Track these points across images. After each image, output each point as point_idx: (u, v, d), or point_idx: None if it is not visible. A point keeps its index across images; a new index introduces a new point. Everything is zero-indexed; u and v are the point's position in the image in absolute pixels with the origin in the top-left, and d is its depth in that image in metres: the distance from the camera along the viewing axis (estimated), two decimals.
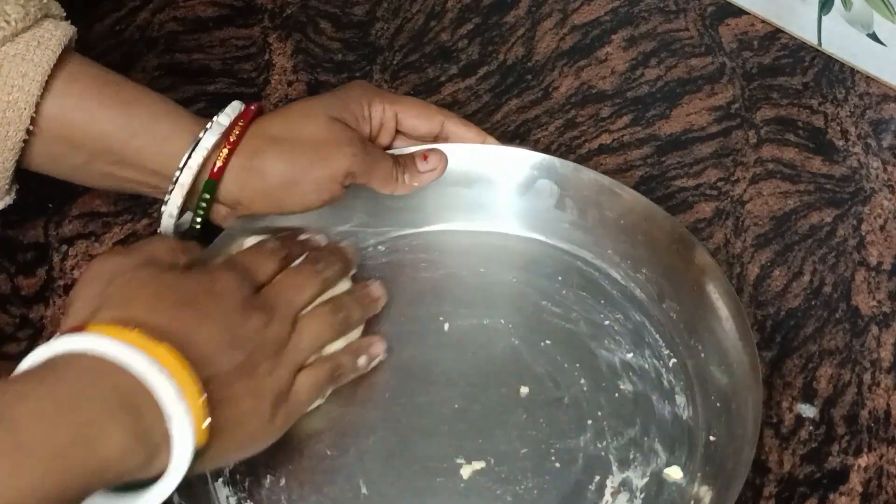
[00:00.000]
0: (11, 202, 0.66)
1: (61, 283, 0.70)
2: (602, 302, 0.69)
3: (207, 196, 0.65)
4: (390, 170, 0.68)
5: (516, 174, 0.71)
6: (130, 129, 0.64)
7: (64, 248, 0.72)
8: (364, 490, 0.60)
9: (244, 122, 0.65)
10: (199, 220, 0.66)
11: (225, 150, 0.64)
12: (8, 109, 0.61)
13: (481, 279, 0.70)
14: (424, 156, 0.70)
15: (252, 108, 0.66)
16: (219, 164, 0.64)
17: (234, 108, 0.66)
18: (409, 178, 0.69)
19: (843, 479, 0.63)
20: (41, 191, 0.74)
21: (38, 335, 0.68)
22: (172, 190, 0.64)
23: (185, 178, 0.64)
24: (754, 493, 0.62)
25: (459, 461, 0.61)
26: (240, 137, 0.64)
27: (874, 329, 0.69)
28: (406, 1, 0.90)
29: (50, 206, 0.74)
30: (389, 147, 0.71)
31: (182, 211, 0.65)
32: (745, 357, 0.62)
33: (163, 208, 0.65)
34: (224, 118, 0.65)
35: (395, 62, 0.85)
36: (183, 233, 0.67)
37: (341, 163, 0.65)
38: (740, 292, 0.71)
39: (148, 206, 0.74)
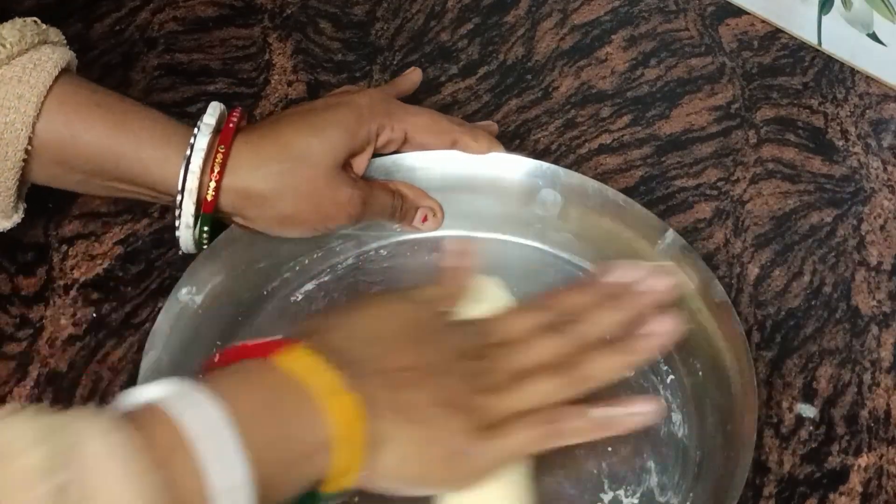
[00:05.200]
0: (19, 220, 0.66)
1: (61, 283, 0.70)
2: None
3: (207, 228, 0.65)
4: (387, 219, 0.70)
5: (520, 182, 0.71)
6: (118, 153, 0.64)
7: (64, 248, 0.72)
8: (356, 498, 0.58)
9: (226, 148, 0.64)
10: (203, 245, 0.66)
11: (213, 182, 0.63)
12: (6, 131, 0.61)
13: None
14: (424, 217, 0.71)
15: (231, 125, 0.65)
16: (209, 197, 0.63)
17: (208, 127, 0.64)
18: (401, 226, 0.71)
19: (843, 479, 0.63)
20: (41, 191, 0.74)
21: (38, 335, 0.68)
22: (180, 228, 0.65)
23: (188, 220, 0.64)
24: (754, 493, 0.62)
25: None
26: (224, 165, 0.63)
27: (874, 329, 0.69)
28: (406, 1, 0.90)
29: (50, 205, 0.74)
30: (396, 152, 0.71)
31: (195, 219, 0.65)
32: (743, 379, 0.61)
33: (179, 241, 0.66)
34: (202, 140, 0.63)
35: (395, 62, 0.85)
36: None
37: (339, 219, 0.66)
38: (740, 292, 0.71)
39: (148, 206, 0.74)
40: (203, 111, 0.65)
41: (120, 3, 0.88)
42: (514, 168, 0.71)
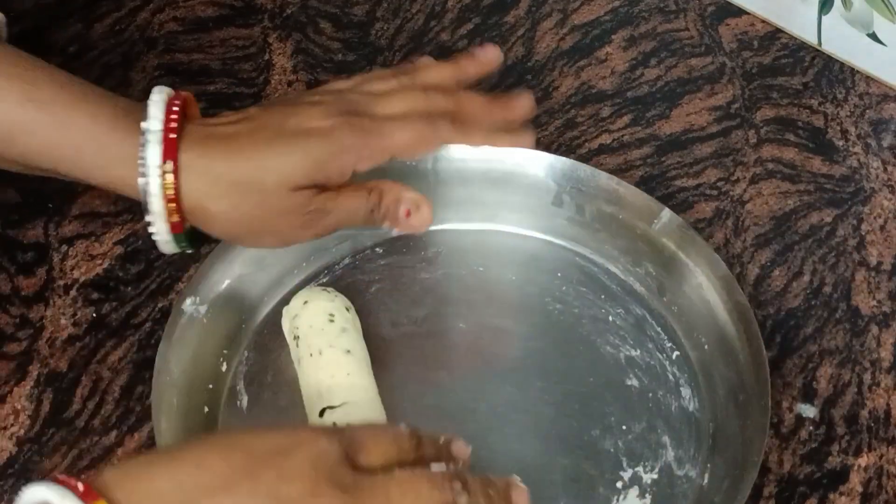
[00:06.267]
0: None
1: (61, 283, 0.70)
2: (603, 297, 0.69)
3: (184, 244, 0.62)
4: (364, 222, 0.65)
5: (512, 171, 0.71)
6: (57, 156, 0.60)
7: (64, 248, 0.72)
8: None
9: (174, 165, 0.58)
10: (189, 251, 0.64)
11: (172, 204, 0.59)
12: None
13: (481, 278, 0.70)
14: (407, 212, 0.65)
15: (171, 136, 0.59)
16: (175, 219, 0.59)
17: (156, 135, 0.58)
18: (387, 226, 0.66)
19: (843, 479, 0.63)
20: (41, 191, 0.75)
21: (38, 335, 0.68)
22: (159, 244, 0.62)
23: (165, 237, 0.61)
24: (754, 492, 0.62)
25: (471, 462, 0.61)
26: (177, 188, 0.59)
27: (874, 329, 0.69)
28: (406, 1, 0.90)
29: (50, 206, 0.74)
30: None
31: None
32: (750, 347, 0.62)
33: (154, 236, 0.61)
34: (154, 153, 0.58)
35: (395, 62, 0.85)
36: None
37: (300, 237, 0.63)
38: None
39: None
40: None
41: (120, 3, 0.88)
42: (506, 157, 0.71)
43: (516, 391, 0.65)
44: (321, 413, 0.60)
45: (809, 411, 0.65)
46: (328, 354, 0.62)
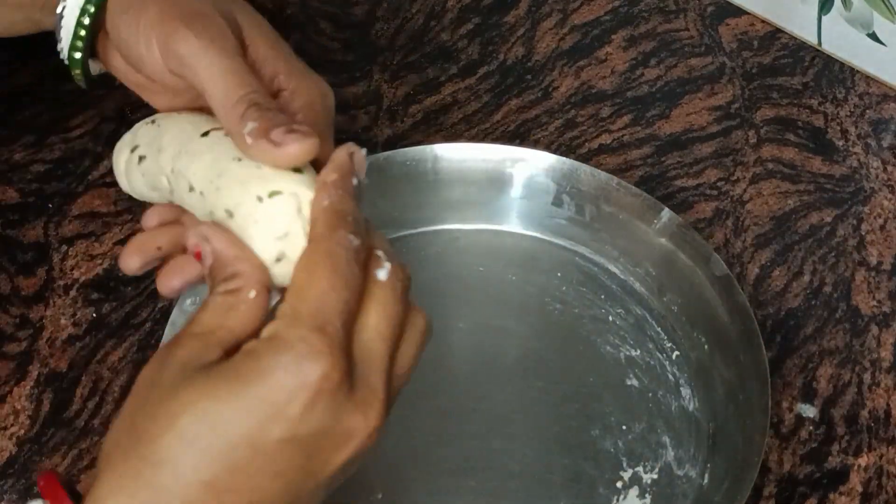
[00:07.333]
0: None
1: (61, 283, 0.71)
2: (602, 297, 0.69)
3: (92, 9, 0.49)
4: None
5: (512, 172, 0.71)
6: None
7: (64, 248, 0.72)
8: (379, 495, 0.60)
9: None
10: (78, 50, 0.50)
11: None
12: None
13: (481, 278, 0.70)
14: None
15: None
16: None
17: None
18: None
19: (843, 479, 0.63)
20: (41, 191, 0.75)
21: (38, 335, 0.68)
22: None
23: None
24: (754, 492, 0.62)
25: (472, 462, 0.62)
26: None
27: (874, 329, 0.69)
28: (406, 1, 0.90)
29: (50, 206, 0.74)
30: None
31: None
32: (750, 347, 0.62)
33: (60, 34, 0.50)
34: None
35: (395, 62, 0.85)
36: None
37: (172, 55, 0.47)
38: None
39: (148, 206, 0.74)
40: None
41: None
42: (505, 158, 0.71)
43: (516, 391, 0.65)
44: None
45: (809, 411, 0.65)
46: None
